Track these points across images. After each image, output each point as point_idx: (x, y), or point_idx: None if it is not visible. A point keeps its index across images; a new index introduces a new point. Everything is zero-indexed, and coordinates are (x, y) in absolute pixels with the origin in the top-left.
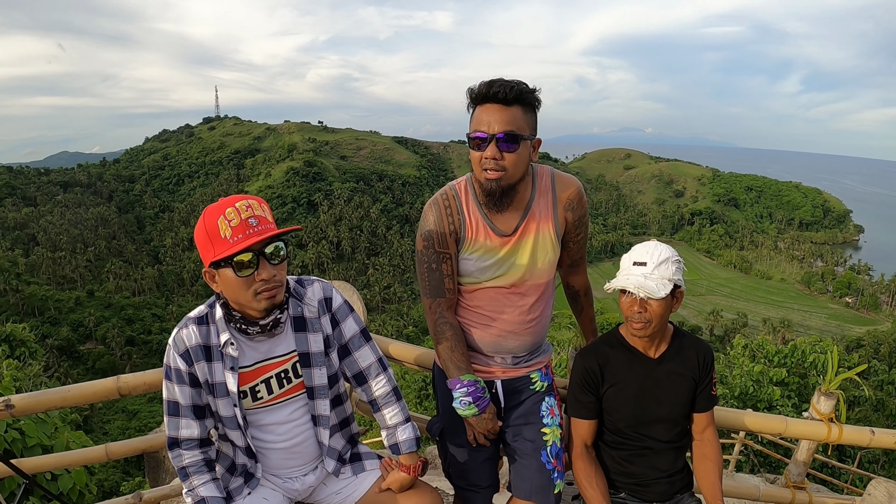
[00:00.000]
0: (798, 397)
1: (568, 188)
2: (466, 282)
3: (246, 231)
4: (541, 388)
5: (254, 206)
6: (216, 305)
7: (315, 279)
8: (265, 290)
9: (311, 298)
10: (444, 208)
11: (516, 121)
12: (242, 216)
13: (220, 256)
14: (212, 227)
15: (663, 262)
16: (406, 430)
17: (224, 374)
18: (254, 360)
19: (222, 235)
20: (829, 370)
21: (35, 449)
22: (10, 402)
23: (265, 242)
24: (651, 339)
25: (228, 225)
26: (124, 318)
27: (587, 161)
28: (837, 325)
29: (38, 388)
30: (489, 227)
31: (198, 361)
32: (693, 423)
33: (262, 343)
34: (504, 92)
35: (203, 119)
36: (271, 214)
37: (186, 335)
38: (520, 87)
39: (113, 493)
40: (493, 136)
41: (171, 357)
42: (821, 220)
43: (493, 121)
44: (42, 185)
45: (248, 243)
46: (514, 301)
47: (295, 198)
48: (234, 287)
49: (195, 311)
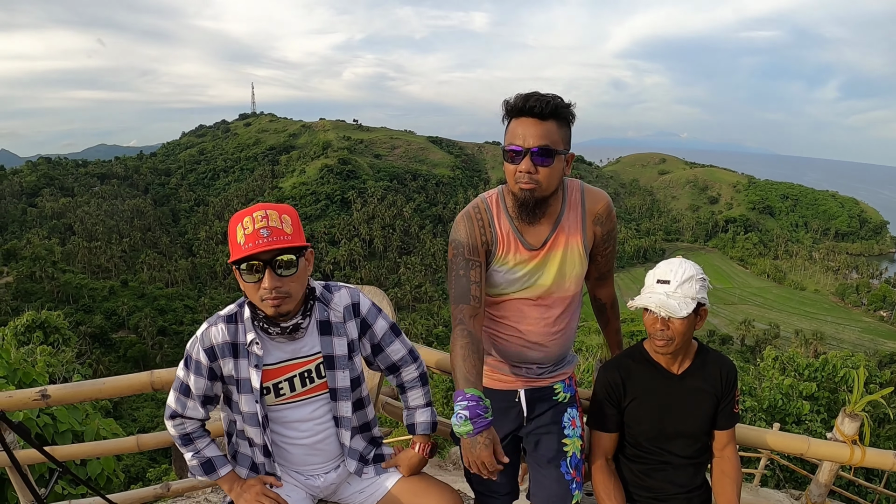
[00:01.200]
0: (827, 412)
1: (597, 202)
2: (494, 293)
3: (255, 241)
4: (564, 399)
5: (270, 217)
6: (245, 305)
7: (343, 285)
8: (269, 299)
9: (338, 304)
10: (476, 220)
11: (551, 135)
12: (256, 226)
13: (232, 259)
14: (232, 231)
15: (687, 281)
16: (425, 413)
17: (249, 370)
18: (279, 359)
19: (237, 241)
20: (854, 391)
21: (66, 434)
22: (46, 391)
23: (273, 253)
24: (674, 356)
25: (243, 232)
26: (157, 309)
27: (621, 165)
28: (871, 339)
29: (70, 374)
30: (519, 241)
31: (224, 358)
32: (714, 439)
33: (287, 343)
34: (540, 106)
35: (239, 115)
36: (294, 225)
37: (214, 333)
38: (555, 101)
39: (139, 478)
40: (528, 149)
41: (195, 349)
42: (857, 231)
43: (529, 135)
44: (80, 177)
45: (251, 252)
46: (541, 313)
47: (329, 195)
48: (245, 289)
49: (226, 309)
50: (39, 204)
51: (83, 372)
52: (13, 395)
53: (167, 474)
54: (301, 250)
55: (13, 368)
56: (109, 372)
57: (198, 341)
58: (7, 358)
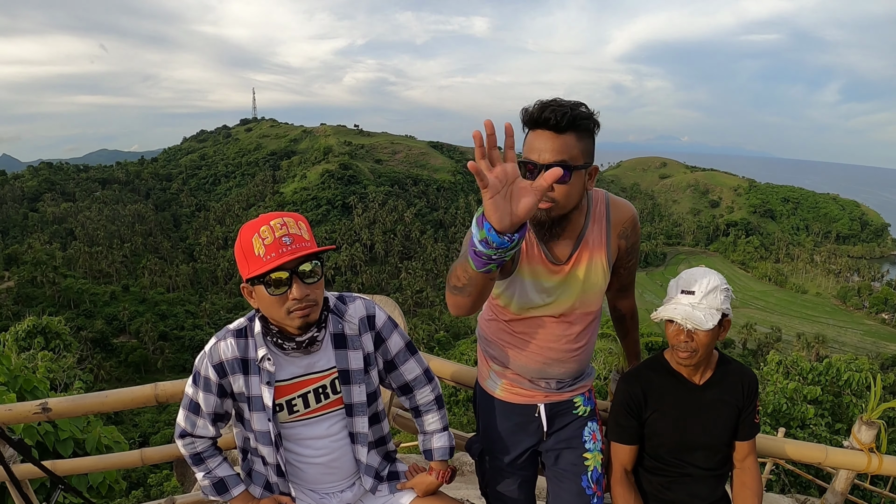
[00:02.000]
0: (832, 416)
1: (623, 215)
2: (516, 309)
3: (279, 249)
4: (584, 413)
5: (289, 224)
6: (255, 319)
7: (357, 296)
8: (298, 309)
9: (353, 316)
10: None
11: (569, 149)
12: (276, 234)
13: (253, 274)
14: (247, 244)
15: (712, 291)
16: (442, 438)
17: (260, 387)
18: (292, 375)
19: (256, 253)
20: (871, 399)
21: (67, 442)
22: (47, 405)
23: (299, 261)
24: (696, 367)
25: (262, 243)
26: (158, 314)
27: (622, 169)
28: (873, 341)
29: (71, 379)
30: (544, 254)
31: (234, 374)
32: (735, 450)
33: (301, 358)
34: (556, 118)
35: (240, 120)
36: (309, 231)
37: (223, 348)
38: (574, 111)
39: (140, 484)
40: (544, 166)
41: (203, 365)
42: (858, 234)
43: (544, 149)
44: (81, 182)
45: (279, 262)
46: (563, 330)
47: (330, 200)
48: (268, 304)
49: (235, 323)
50: (41, 209)
51: (84, 377)
52: (13, 409)
53: (168, 480)
54: (321, 256)
55: (14, 375)
56: (110, 377)
57: (206, 357)
58: (8, 364)
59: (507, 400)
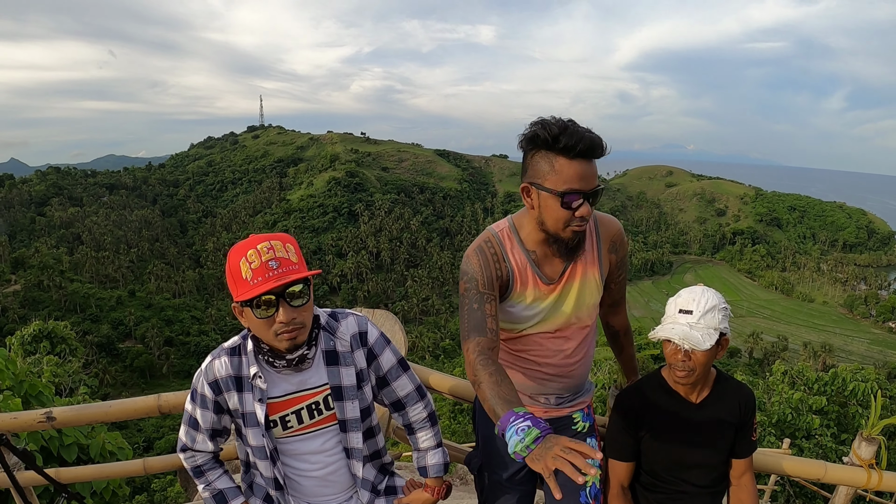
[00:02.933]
0: (837, 427)
1: (611, 229)
2: (511, 328)
3: (266, 274)
4: (582, 429)
5: (276, 248)
6: (248, 338)
7: (350, 312)
8: (285, 332)
9: (344, 332)
10: (491, 256)
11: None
12: (263, 258)
13: (241, 298)
14: (234, 268)
15: (710, 311)
16: (436, 455)
17: (254, 404)
18: (285, 392)
19: (244, 277)
20: (872, 415)
21: (72, 448)
22: (51, 414)
23: (285, 285)
24: (693, 385)
25: (249, 267)
26: (164, 319)
27: (628, 178)
28: (880, 350)
29: (76, 384)
30: (537, 275)
31: (228, 391)
32: (731, 468)
33: (293, 375)
34: (601, 147)
35: (247, 127)
36: (298, 253)
37: (218, 366)
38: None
39: (143, 489)
40: (590, 193)
41: (199, 383)
42: (865, 242)
43: (589, 176)
44: (88, 187)
45: (265, 287)
46: (559, 345)
47: (336, 207)
48: (256, 326)
49: (230, 341)
50: (48, 213)
51: (89, 382)
52: (18, 417)
53: (172, 485)
54: (308, 279)
55: (19, 380)
56: (116, 381)
57: (202, 374)
58: (13, 369)
59: None
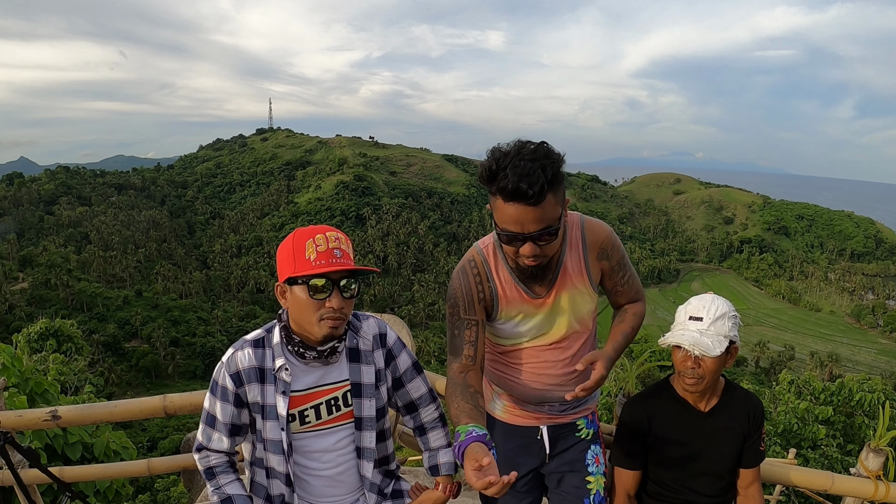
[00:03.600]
0: (843, 437)
1: (599, 236)
2: (507, 343)
3: (329, 259)
4: (586, 436)
5: (342, 240)
6: (274, 330)
7: (370, 315)
8: (330, 318)
9: (367, 332)
10: (473, 276)
11: (548, 214)
12: (330, 245)
13: (299, 274)
14: (299, 246)
15: (720, 318)
16: (447, 454)
17: (276, 397)
18: (307, 386)
19: (307, 256)
20: (879, 426)
21: (76, 446)
22: (56, 413)
23: (343, 274)
24: (702, 394)
25: (315, 249)
26: (170, 320)
27: (636, 185)
28: (887, 360)
29: (82, 383)
30: (523, 291)
31: (250, 383)
32: (739, 477)
33: (316, 369)
34: (535, 192)
35: (256, 130)
36: (352, 252)
37: (241, 357)
38: (548, 174)
39: (147, 488)
40: (529, 236)
41: (220, 375)
42: (873, 251)
43: (526, 221)
44: (97, 186)
45: (329, 269)
46: (557, 356)
47: (344, 211)
48: (302, 307)
49: (252, 333)
50: (57, 212)
51: (95, 381)
52: (23, 415)
53: (175, 486)
54: (363, 275)
55: (25, 377)
56: (121, 381)
57: (223, 367)
58: (19, 366)
59: (509, 422)
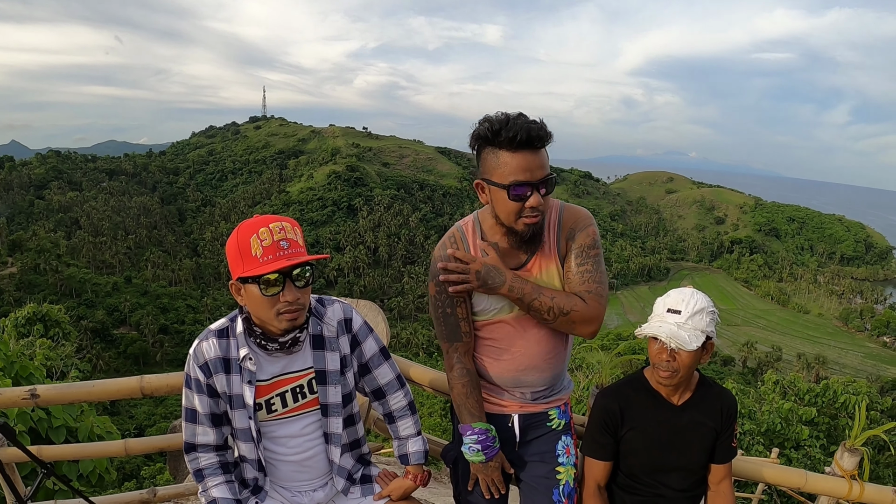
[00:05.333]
0: (827, 438)
1: (573, 218)
2: (480, 317)
3: (276, 252)
4: (558, 427)
5: (287, 229)
6: (237, 319)
7: (336, 299)
8: (287, 312)
9: (331, 318)
10: (454, 250)
11: (547, 161)
12: (275, 237)
13: (248, 273)
14: (244, 243)
15: (698, 313)
16: (417, 443)
17: (242, 386)
18: (271, 375)
19: (253, 253)
20: (855, 426)
21: (60, 430)
22: (35, 391)
23: (294, 266)
24: (676, 387)
25: (260, 244)
26: (159, 307)
27: (629, 182)
28: (873, 364)
29: (68, 368)
30: (499, 260)
31: (216, 373)
32: (710, 473)
33: (279, 358)
34: (542, 136)
35: (250, 118)
36: (303, 238)
37: (206, 347)
38: (547, 128)
39: (133, 476)
40: (538, 183)
41: (190, 367)
42: (863, 256)
43: (535, 167)
44: (89, 172)
45: (277, 265)
46: (528, 330)
47: (335, 201)
48: (257, 304)
49: (216, 323)
50: (47, 196)
51: (82, 367)
52: (2, 393)
53: (161, 473)
54: (311, 263)
55: (10, 361)
56: (109, 368)
57: (192, 358)
58: (6, 350)
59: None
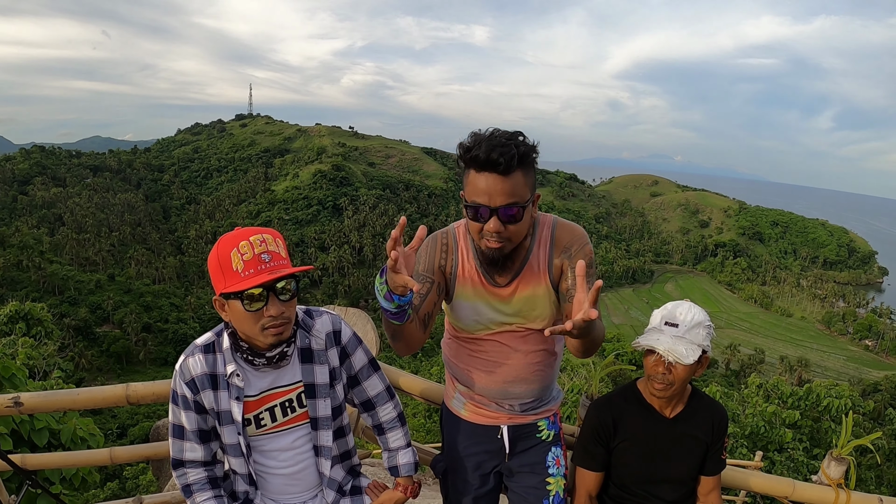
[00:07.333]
0: (810, 441)
1: (567, 235)
2: (467, 330)
3: (258, 266)
4: (548, 437)
5: (268, 241)
6: (223, 334)
7: (324, 310)
8: (272, 326)
9: (319, 331)
10: (442, 244)
11: (518, 189)
12: (256, 251)
13: (230, 289)
14: (224, 258)
15: (696, 326)
16: (406, 454)
17: (230, 402)
18: (259, 390)
19: (234, 268)
20: (842, 435)
21: (43, 432)
22: (19, 399)
23: (277, 280)
24: (669, 400)
25: (241, 258)
26: (143, 305)
27: (614, 185)
28: (856, 367)
29: (51, 367)
30: (482, 275)
31: (204, 390)
32: (699, 484)
33: (267, 374)
34: (505, 161)
35: (236, 115)
36: (285, 249)
37: (192, 364)
38: (521, 150)
39: (115, 476)
40: (496, 209)
41: (177, 383)
42: (845, 260)
43: (494, 192)
44: (73, 167)
45: (258, 280)
46: (518, 346)
47: (321, 200)
48: (242, 319)
49: (202, 338)
50: (30, 192)
51: (64, 366)
52: None
53: (144, 473)
54: (296, 275)
55: None
56: (91, 366)
57: (178, 375)
58: None
59: (472, 420)
